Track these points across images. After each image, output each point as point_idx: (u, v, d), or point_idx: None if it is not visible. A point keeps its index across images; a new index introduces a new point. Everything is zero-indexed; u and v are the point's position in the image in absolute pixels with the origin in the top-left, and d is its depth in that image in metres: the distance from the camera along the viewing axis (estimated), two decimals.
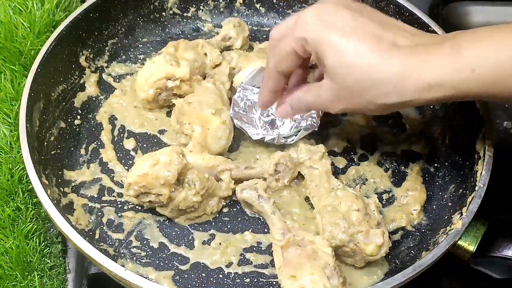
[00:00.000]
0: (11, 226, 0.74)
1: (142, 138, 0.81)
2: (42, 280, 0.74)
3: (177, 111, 0.78)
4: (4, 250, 0.72)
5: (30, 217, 0.75)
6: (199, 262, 0.71)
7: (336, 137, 0.82)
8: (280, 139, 0.77)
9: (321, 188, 0.73)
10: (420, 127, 0.85)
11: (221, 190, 0.73)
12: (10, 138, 0.78)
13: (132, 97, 0.84)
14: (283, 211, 0.73)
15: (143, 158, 0.69)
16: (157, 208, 0.71)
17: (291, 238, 0.67)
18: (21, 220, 0.75)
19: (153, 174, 0.66)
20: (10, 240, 0.72)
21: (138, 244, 0.72)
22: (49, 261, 0.76)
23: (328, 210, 0.69)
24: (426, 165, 0.81)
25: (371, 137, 0.83)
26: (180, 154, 0.68)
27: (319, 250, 0.65)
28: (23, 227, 0.74)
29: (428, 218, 0.76)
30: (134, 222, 0.74)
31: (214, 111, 0.76)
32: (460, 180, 0.76)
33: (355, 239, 0.67)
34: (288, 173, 0.75)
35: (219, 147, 0.76)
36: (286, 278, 0.64)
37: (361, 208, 0.68)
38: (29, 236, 0.75)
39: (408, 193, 0.78)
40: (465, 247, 0.69)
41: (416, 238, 0.74)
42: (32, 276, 0.73)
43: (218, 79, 0.82)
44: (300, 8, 0.94)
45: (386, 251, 0.68)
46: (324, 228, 0.68)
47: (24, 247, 0.73)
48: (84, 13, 0.83)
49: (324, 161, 0.75)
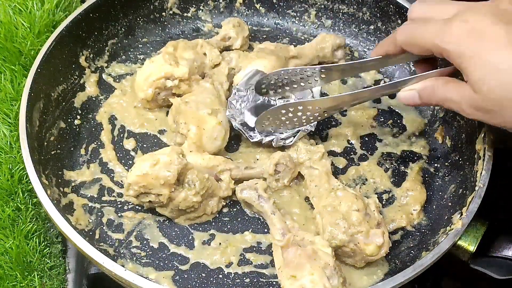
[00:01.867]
0: (11, 226, 0.74)
1: (142, 138, 0.81)
2: (42, 280, 0.74)
3: (174, 110, 0.78)
4: (4, 250, 0.72)
5: (30, 217, 0.75)
6: (199, 262, 0.71)
7: (336, 137, 0.82)
8: (279, 141, 0.77)
9: (321, 188, 0.73)
10: (420, 127, 0.84)
11: (221, 190, 0.73)
12: (10, 138, 0.78)
13: (132, 97, 0.84)
14: (283, 211, 0.73)
15: (143, 158, 0.69)
16: (157, 208, 0.71)
17: (291, 238, 0.67)
18: (21, 220, 0.75)
19: (153, 174, 0.66)
20: (10, 240, 0.72)
21: (138, 244, 0.72)
22: (49, 261, 0.76)
23: (328, 210, 0.69)
24: (426, 165, 0.81)
25: (371, 137, 0.83)
26: (180, 154, 0.68)
27: (319, 250, 0.65)
28: (23, 227, 0.74)
29: (428, 218, 0.76)
30: (134, 222, 0.74)
31: (210, 111, 0.76)
32: (460, 180, 0.76)
33: (355, 239, 0.67)
34: (288, 173, 0.75)
35: (214, 147, 0.76)
36: (286, 278, 0.64)
37: (361, 208, 0.68)
38: (29, 236, 0.75)
39: (408, 193, 0.78)
40: (465, 247, 0.69)
41: (416, 238, 0.74)
42: (32, 276, 0.72)
43: (217, 79, 0.82)
44: (300, 8, 0.95)
45: (386, 251, 0.68)
46: (324, 228, 0.68)
47: (24, 247, 0.73)
48: (84, 13, 0.83)
49: (324, 161, 0.75)
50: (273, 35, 0.95)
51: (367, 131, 0.83)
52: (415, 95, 0.67)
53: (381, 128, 0.84)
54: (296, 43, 0.93)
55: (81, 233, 0.66)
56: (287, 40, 0.94)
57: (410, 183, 0.79)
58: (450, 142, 0.81)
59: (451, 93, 0.62)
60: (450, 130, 0.82)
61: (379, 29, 0.91)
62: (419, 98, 0.67)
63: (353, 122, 0.84)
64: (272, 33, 0.95)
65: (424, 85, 0.66)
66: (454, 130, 0.81)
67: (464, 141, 0.78)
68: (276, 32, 0.95)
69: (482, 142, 0.73)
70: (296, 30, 0.96)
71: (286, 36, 0.95)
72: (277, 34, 0.95)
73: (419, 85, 0.66)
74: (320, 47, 0.88)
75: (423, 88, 0.66)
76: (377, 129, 0.84)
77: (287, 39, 0.94)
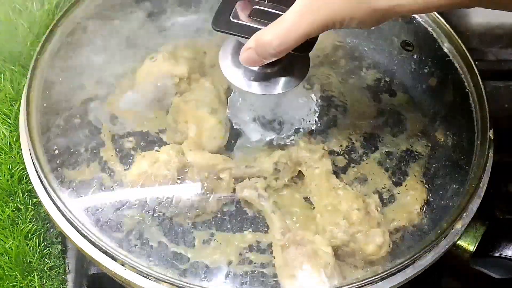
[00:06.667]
0: (11, 226, 0.74)
1: (141, 137, 0.81)
2: (42, 280, 0.74)
3: (174, 109, 0.78)
4: (3, 250, 0.72)
5: (30, 218, 0.75)
6: (199, 261, 0.71)
7: (337, 136, 0.82)
8: (279, 140, 0.77)
9: (321, 188, 0.73)
10: (420, 127, 0.84)
11: (221, 189, 0.73)
12: (10, 138, 0.78)
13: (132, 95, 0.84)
14: (283, 210, 0.73)
15: (143, 156, 0.69)
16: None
17: (291, 237, 0.67)
18: (21, 221, 0.75)
19: (153, 172, 0.67)
20: (10, 241, 0.72)
21: (138, 243, 0.72)
22: (49, 261, 0.76)
23: (328, 209, 0.69)
24: (427, 164, 0.81)
25: (371, 136, 0.83)
26: (180, 153, 0.68)
27: (319, 249, 0.65)
28: (23, 228, 0.74)
29: (428, 217, 0.76)
30: (133, 221, 0.73)
31: (210, 110, 0.76)
32: (460, 180, 0.76)
33: (355, 239, 0.67)
34: (288, 172, 0.75)
35: (214, 146, 0.76)
36: (286, 278, 0.64)
37: (361, 207, 0.68)
38: (28, 236, 0.75)
39: (408, 193, 0.77)
40: (465, 247, 0.69)
41: (416, 238, 0.74)
42: (32, 276, 0.73)
43: (217, 78, 0.82)
44: None
45: (386, 251, 0.68)
46: (324, 228, 0.68)
47: (23, 248, 0.73)
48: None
49: (324, 160, 0.75)
50: None
51: (368, 130, 0.83)
52: (251, 53, 0.59)
53: (382, 127, 0.84)
54: None
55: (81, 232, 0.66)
56: None
57: (410, 183, 0.78)
58: (451, 142, 0.81)
59: (274, 24, 0.55)
60: (450, 129, 0.82)
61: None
62: (257, 54, 0.59)
63: (353, 121, 0.84)
64: None
65: (255, 37, 0.58)
66: (455, 129, 0.81)
67: (464, 140, 0.78)
68: None
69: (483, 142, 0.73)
70: None
71: None
72: None
73: (252, 39, 0.58)
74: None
75: (255, 41, 0.58)
76: (377, 128, 0.84)
77: None
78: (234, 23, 0.63)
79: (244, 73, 0.68)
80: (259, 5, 0.63)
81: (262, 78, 0.68)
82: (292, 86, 0.69)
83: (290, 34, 0.54)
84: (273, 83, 0.68)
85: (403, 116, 0.86)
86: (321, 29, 0.52)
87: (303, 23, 0.52)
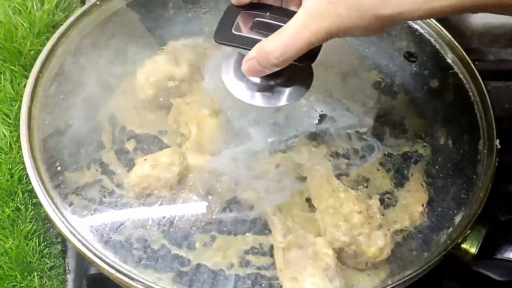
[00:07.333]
0: (11, 226, 0.74)
1: (142, 139, 0.81)
2: (42, 280, 0.74)
3: (175, 110, 0.78)
4: (3, 250, 0.72)
5: (30, 218, 0.75)
6: (200, 264, 0.71)
7: (338, 138, 0.82)
8: (281, 142, 0.77)
9: (323, 190, 0.73)
10: (421, 128, 0.84)
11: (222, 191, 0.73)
12: (10, 138, 0.78)
13: (132, 97, 0.83)
14: (284, 213, 0.73)
15: (144, 159, 0.69)
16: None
17: (292, 239, 0.67)
18: (21, 221, 0.75)
19: (154, 175, 0.66)
20: (10, 241, 0.72)
21: (138, 245, 0.72)
22: (49, 261, 0.76)
23: (329, 212, 0.69)
24: (428, 166, 0.81)
25: (372, 138, 0.83)
26: (181, 155, 0.68)
27: (321, 252, 0.65)
28: (23, 228, 0.74)
29: (430, 219, 0.76)
30: (134, 224, 0.73)
31: (211, 111, 0.76)
32: (461, 181, 0.76)
33: (357, 241, 0.67)
34: (289, 175, 0.75)
35: (215, 148, 0.76)
36: (287, 280, 0.64)
37: (363, 209, 0.68)
38: (28, 236, 0.75)
39: (409, 194, 0.77)
40: (467, 249, 0.69)
41: (418, 240, 0.74)
42: (32, 276, 0.73)
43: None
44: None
45: (388, 253, 0.68)
46: (325, 230, 0.68)
47: (23, 248, 0.73)
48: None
49: (325, 163, 0.75)
50: None
51: (368, 132, 0.83)
52: (254, 63, 0.58)
53: (383, 129, 0.84)
54: None
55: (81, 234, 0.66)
56: None
57: (411, 184, 0.78)
58: (452, 143, 0.81)
59: (275, 34, 0.55)
60: (452, 131, 0.82)
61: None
62: (259, 64, 0.58)
63: (354, 123, 0.83)
64: None
65: (257, 47, 0.57)
66: (456, 130, 0.81)
67: (466, 141, 0.78)
68: None
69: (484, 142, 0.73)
70: None
71: None
72: None
73: (254, 49, 0.58)
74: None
75: (257, 51, 0.57)
76: (378, 130, 0.84)
77: None
78: (236, 35, 0.63)
79: (247, 85, 0.68)
80: (261, 17, 0.63)
81: (265, 90, 0.67)
82: (295, 98, 0.68)
83: (293, 44, 0.53)
84: (276, 95, 0.67)
85: (404, 117, 0.85)
86: (325, 38, 0.51)
87: (306, 32, 0.51)
